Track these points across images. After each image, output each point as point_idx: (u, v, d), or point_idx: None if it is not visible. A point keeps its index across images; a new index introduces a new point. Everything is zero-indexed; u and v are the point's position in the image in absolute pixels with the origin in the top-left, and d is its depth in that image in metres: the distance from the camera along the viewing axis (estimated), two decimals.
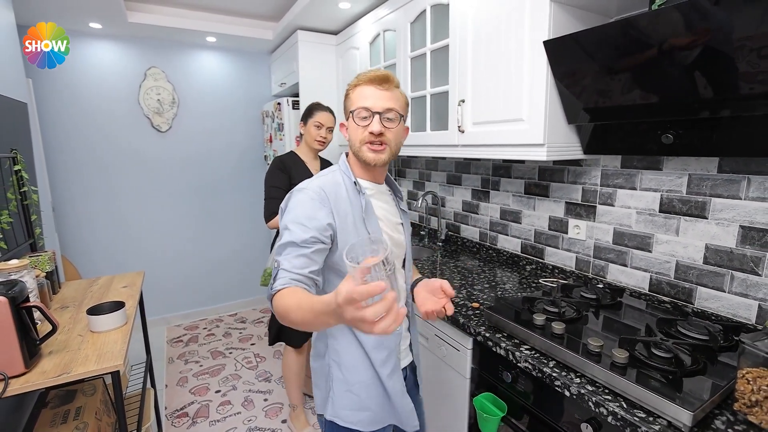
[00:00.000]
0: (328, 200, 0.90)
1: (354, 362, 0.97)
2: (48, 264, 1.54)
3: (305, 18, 2.47)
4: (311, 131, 1.91)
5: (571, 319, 1.18)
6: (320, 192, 0.90)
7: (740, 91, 0.92)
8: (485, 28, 1.47)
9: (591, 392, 0.91)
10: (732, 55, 0.89)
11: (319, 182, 0.93)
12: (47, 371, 1.07)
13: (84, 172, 2.86)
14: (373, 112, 0.91)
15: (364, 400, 0.97)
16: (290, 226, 0.87)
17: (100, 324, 1.30)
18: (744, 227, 1.14)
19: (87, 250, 2.92)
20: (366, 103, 0.92)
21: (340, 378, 0.98)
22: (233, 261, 3.49)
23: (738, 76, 0.90)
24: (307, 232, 0.85)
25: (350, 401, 0.97)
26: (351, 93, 0.96)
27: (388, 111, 0.92)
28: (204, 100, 3.19)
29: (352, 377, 0.97)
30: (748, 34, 0.85)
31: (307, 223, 0.86)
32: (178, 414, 2.18)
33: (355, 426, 0.98)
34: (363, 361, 0.97)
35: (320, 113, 1.91)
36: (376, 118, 0.91)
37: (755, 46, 0.85)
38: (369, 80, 0.93)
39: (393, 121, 0.93)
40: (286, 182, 1.85)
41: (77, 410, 1.34)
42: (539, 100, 1.30)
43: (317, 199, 0.89)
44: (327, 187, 0.92)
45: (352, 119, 0.94)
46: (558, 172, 1.67)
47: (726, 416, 0.83)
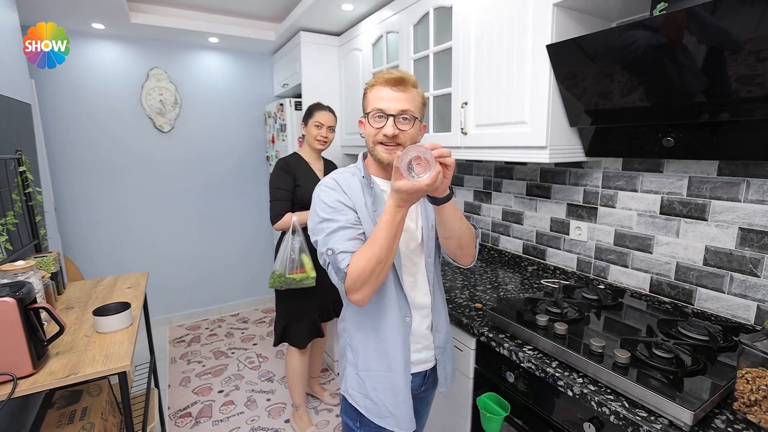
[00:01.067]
0: (342, 189, 0.98)
1: (364, 350, 1.02)
2: (53, 265, 1.55)
3: (308, 19, 2.48)
4: (312, 131, 1.93)
5: (573, 320, 1.20)
6: (335, 183, 0.99)
7: (739, 94, 0.93)
8: (488, 31, 1.48)
9: (593, 392, 0.93)
10: (731, 59, 0.91)
11: (333, 176, 1.01)
12: (55, 372, 1.09)
13: (86, 172, 2.87)
14: (387, 115, 0.92)
15: (368, 390, 1.02)
16: (325, 215, 0.93)
17: (107, 325, 1.31)
18: (743, 229, 1.16)
19: (89, 251, 2.93)
20: (380, 105, 0.93)
21: (351, 361, 1.05)
22: (235, 261, 3.50)
23: (737, 80, 0.92)
24: (347, 212, 0.94)
25: (357, 384, 1.04)
26: (368, 93, 0.98)
27: (403, 113, 0.93)
28: (206, 100, 3.20)
29: (361, 363, 1.03)
30: (747, 38, 0.86)
31: (339, 206, 0.94)
32: (181, 414, 2.19)
33: (359, 408, 1.04)
34: (374, 350, 1.01)
35: (320, 113, 1.93)
36: (390, 120, 0.92)
37: (753, 50, 0.86)
38: (385, 81, 0.94)
39: (408, 122, 0.94)
40: (291, 183, 1.87)
41: (83, 410, 1.36)
42: (542, 103, 1.31)
43: (336, 188, 0.97)
44: (341, 179, 1.00)
45: (368, 119, 0.97)
46: (559, 174, 1.69)
47: (726, 415, 0.85)
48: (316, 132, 1.92)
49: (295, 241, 1.82)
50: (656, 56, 1.02)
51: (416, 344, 1.05)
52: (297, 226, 1.82)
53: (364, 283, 0.86)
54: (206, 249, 3.38)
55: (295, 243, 1.81)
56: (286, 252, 1.81)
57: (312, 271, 1.83)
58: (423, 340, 1.06)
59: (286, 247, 1.81)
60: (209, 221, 3.36)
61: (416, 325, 1.03)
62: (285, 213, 1.83)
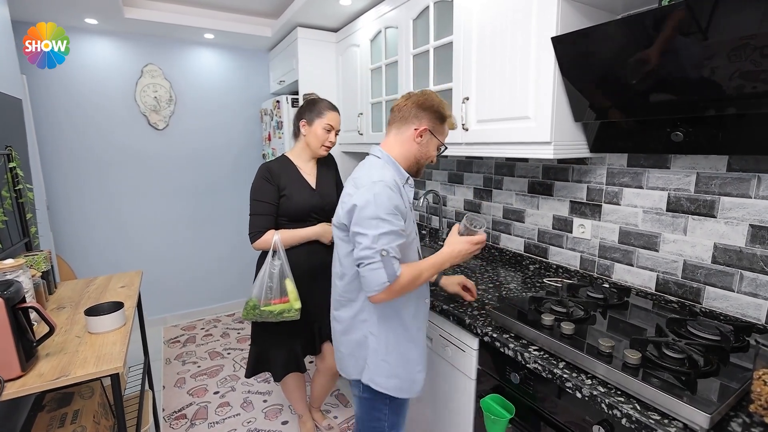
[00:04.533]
0: (399, 194, 1.08)
1: (395, 336, 1.16)
2: (44, 263, 1.51)
3: (305, 15, 2.44)
4: (318, 133, 1.61)
5: (579, 319, 1.16)
6: (396, 186, 1.08)
7: (749, 88, 0.91)
8: (491, 24, 1.45)
9: (603, 394, 0.90)
10: (741, 51, 0.88)
11: (388, 176, 1.09)
12: (44, 374, 1.04)
13: (79, 170, 2.81)
14: (446, 147, 1.22)
15: (395, 368, 1.15)
16: (383, 214, 1.02)
17: (99, 325, 1.27)
18: (754, 226, 1.13)
19: (82, 250, 2.88)
20: (444, 140, 1.20)
21: (375, 348, 1.15)
22: (231, 260, 3.45)
23: (747, 72, 0.89)
24: (400, 219, 1.05)
25: (385, 369, 1.15)
26: (447, 122, 1.18)
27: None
28: (202, 97, 3.15)
29: (384, 348, 1.14)
30: (755, 32, 0.84)
31: (396, 211, 1.04)
32: (176, 416, 2.15)
33: (389, 392, 1.16)
34: (402, 334, 1.16)
35: (331, 114, 1.62)
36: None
37: (762, 43, 0.83)
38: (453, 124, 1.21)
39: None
40: (275, 195, 1.58)
41: (75, 413, 1.31)
42: (546, 98, 1.28)
43: (396, 192, 1.06)
44: (393, 182, 1.08)
45: (437, 144, 1.19)
46: (562, 171, 1.66)
47: (742, 418, 0.82)
48: (324, 137, 1.62)
49: (274, 265, 1.52)
50: (665, 48, 0.99)
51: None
52: (279, 247, 1.52)
53: (398, 294, 1.05)
54: (202, 248, 3.33)
55: (274, 268, 1.52)
56: (263, 278, 1.52)
57: (296, 302, 1.53)
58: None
59: (264, 272, 1.52)
60: (205, 219, 3.31)
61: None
62: (266, 230, 1.56)
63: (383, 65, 2.18)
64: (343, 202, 1.12)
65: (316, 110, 1.62)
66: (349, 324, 1.18)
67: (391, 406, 1.20)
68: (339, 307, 1.22)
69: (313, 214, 1.65)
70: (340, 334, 1.22)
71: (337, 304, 1.23)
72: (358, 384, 1.20)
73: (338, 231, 1.16)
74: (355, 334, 1.17)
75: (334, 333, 1.26)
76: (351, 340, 1.18)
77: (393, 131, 1.18)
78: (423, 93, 1.17)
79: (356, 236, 1.03)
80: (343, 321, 1.20)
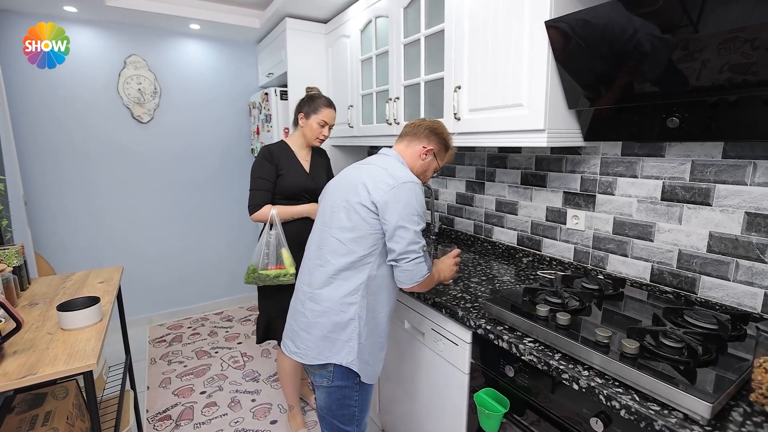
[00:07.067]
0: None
1: (380, 320, 1.23)
2: (15, 258, 1.43)
3: (294, 5, 2.38)
4: (314, 127, 1.79)
5: (575, 310, 1.13)
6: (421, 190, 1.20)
7: (747, 73, 0.88)
8: (483, 10, 1.42)
9: (601, 385, 0.86)
10: (739, 34, 0.85)
11: (413, 177, 1.21)
12: (9, 372, 0.98)
13: (60, 164, 2.72)
14: (436, 176, 1.42)
15: (366, 354, 1.19)
16: (422, 213, 1.16)
17: (72, 321, 1.21)
18: (750, 214, 1.11)
19: (63, 247, 2.78)
20: (441, 166, 1.37)
21: (357, 332, 1.17)
22: (219, 258, 3.37)
23: (744, 58, 0.86)
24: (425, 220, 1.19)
25: (358, 352, 1.17)
26: (449, 152, 1.36)
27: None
28: (188, 90, 3.07)
29: (366, 332, 1.18)
30: (751, 22, 0.81)
31: (423, 212, 1.19)
32: (160, 417, 2.08)
33: (362, 374, 1.20)
34: (384, 316, 1.23)
35: (327, 111, 1.80)
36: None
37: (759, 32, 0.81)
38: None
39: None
40: (273, 173, 1.77)
41: (47, 415, 1.24)
42: (540, 84, 1.25)
43: (423, 192, 1.20)
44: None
45: (435, 167, 1.35)
46: (555, 162, 1.63)
47: (743, 407, 0.79)
48: (319, 131, 1.80)
49: (271, 235, 1.71)
50: (661, 33, 0.96)
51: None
52: (276, 220, 1.71)
53: (431, 285, 1.26)
54: (188, 245, 3.25)
55: (271, 237, 1.71)
56: (261, 246, 1.72)
57: (291, 267, 1.71)
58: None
59: (263, 241, 1.73)
60: (191, 216, 3.23)
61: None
62: (264, 204, 1.74)
63: (374, 56, 2.13)
64: (377, 187, 1.14)
65: (313, 106, 1.79)
66: (332, 305, 1.17)
67: (361, 391, 1.23)
68: (324, 285, 1.17)
69: (305, 194, 1.83)
70: (317, 316, 1.18)
71: (321, 282, 1.18)
72: (326, 372, 1.18)
73: (355, 208, 1.16)
74: (336, 316, 1.16)
75: (306, 317, 1.20)
76: (329, 321, 1.16)
77: (404, 142, 1.31)
78: (436, 121, 1.35)
79: (399, 229, 1.11)
80: (324, 301, 1.17)
